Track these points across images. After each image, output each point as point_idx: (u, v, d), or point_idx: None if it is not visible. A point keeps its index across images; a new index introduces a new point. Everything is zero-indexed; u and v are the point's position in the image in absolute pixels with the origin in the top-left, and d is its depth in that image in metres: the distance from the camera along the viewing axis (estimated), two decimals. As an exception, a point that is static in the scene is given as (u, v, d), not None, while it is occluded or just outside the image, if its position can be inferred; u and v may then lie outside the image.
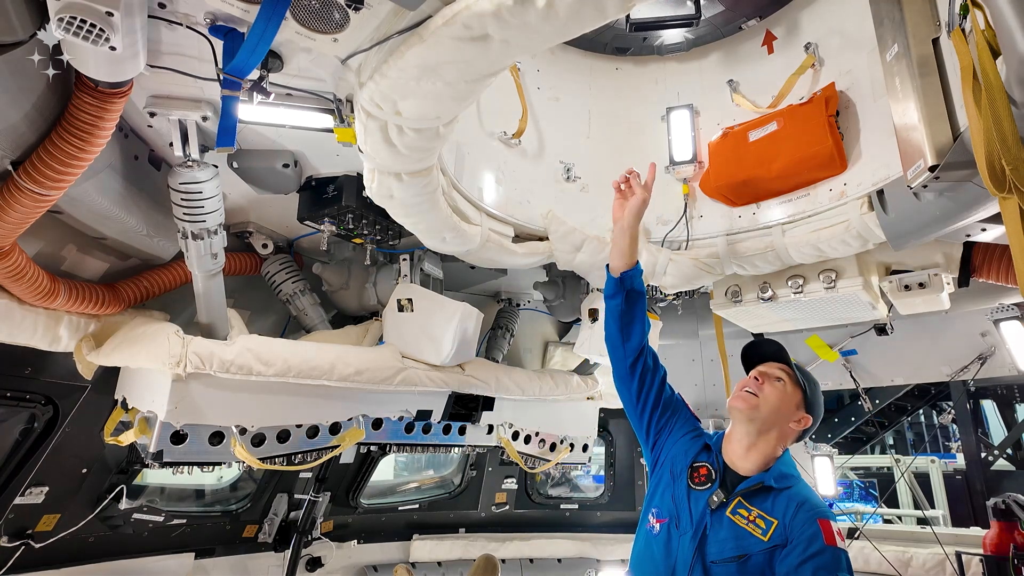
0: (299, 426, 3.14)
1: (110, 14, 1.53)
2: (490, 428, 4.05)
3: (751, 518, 1.99)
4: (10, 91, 1.80)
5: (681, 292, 3.88)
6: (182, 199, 2.50)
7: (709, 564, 1.97)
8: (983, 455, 6.51)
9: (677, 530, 2.07)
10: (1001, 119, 1.50)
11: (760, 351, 2.31)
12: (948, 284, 3.18)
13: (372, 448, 3.72)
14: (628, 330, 2.41)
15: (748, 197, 3.28)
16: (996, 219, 2.35)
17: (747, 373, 2.29)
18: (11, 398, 2.93)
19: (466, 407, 3.76)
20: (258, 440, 3.00)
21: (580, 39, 3.48)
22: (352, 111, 2.20)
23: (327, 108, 2.28)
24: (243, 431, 2.91)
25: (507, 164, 3.31)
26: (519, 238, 3.36)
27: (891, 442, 10.95)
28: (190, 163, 2.43)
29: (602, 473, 6.15)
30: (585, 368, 4.63)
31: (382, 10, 1.78)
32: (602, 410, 4.85)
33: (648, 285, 3.62)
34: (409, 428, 3.61)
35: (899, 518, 7.30)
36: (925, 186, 2.17)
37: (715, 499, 2.04)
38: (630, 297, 2.42)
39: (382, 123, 2.08)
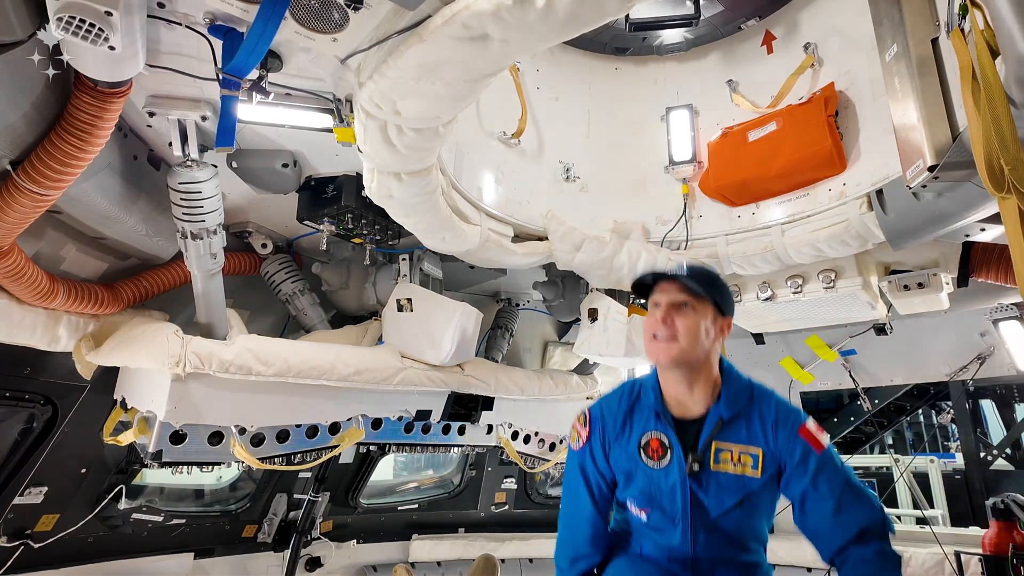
0: (298, 426, 3.13)
1: (109, 14, 1.53)
2: (489, 428, 4.05)
3: (736, 459, 1.88)
4: (9, 91, 1.80)
5: (680, 292, 3.87)
6: (181, 199, 2.50)
7: (712, 522, 1.89)
8: (982, 455, 6.51)
9: (665, 515, 1.94)
10: (1000, 119, 1.50)
11: (651, 279, 2.00)
12: (947, 284, 3.18)
13: (371, 448, 3.72)
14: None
15: (747, 197, 3.29)
16: (995, 219, 2.34)
17: (645, 300, 2.03)
18: (10, 398, 2.92)
19: (465, 407, 3.76)
20: (257, 440, 3.00)
21: (579, 39, 3.47)
22: (351, 111, 2.20)
23: (326, 108, 2.28)
24: (242, 431, 2.91)
25: (506, 164, 3.31)
26: (518, 238, 3.36)
27: (890, 442, 10.94)
28: (189, 163, 2.43)
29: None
30: (584, 368, 4.63)
31: (381, 10, 1.78)
32: (601, 410, 4.84)
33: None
34: (408, 428, 3.61)
35: (898, 518, 7.28)
36: (924, 186, 2.17)
37: (694, 467, 1.88)
38: None
39: (381, 123, 2.08)
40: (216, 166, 2.58)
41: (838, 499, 1.82)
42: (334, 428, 3.28)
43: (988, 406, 7.06)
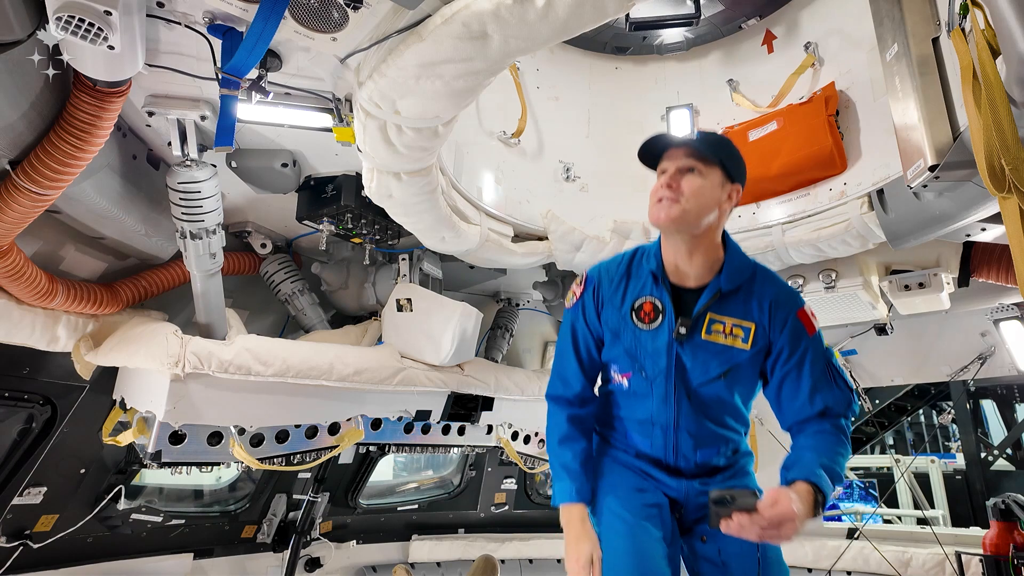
0: (298, 426, 3.13)
1: (108, 13, 1.53)
2: (489, 428, 4.04)
3: (728, 330, 1.87)
4: (8, 90, 1.79)
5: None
6: (180, 198, 2.50)
7: (694, 390, 1.90)
8: (983, 455, 6.51)
9: (646, 379, 1.92)
10: (1001, 119, 1.50)
11: (659, 146, 1.91)
12: (948, 284, 3.17)
13: (371, 448, 3.72)
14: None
15: (748, 197, 3.28)
16: (996, 219, 2.34)
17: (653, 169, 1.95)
18: (9, 398, 2.92)
19: (465, 407, 3.76)
20: (257, 440, 2.99)
21: (579, 38, 3.47)
22: (351, 110, 2.20)
23: (326, 107, 2.28)
24: (242, 431, 2.91)
25: (506, 164, 3.31)
26: (518, 238, 3.36)
27: (891, 442, 10.93)
28: (188, 162, 2.43)
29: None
30: (584, 368, 4.61)
31: (381, 9, 1.77)
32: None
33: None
34: (408, 428, 3.60)
35: (899, 518, 7.28)
36: (925, 186, 2.17)
37: (682, 331, 1.85)
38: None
39: (381, 122, 2.07)
40: (215, 166, 2.57)
41: (815, 382, 1.86)
42: (333, 428, 3.27)
43: (989, 406, 7.06)
